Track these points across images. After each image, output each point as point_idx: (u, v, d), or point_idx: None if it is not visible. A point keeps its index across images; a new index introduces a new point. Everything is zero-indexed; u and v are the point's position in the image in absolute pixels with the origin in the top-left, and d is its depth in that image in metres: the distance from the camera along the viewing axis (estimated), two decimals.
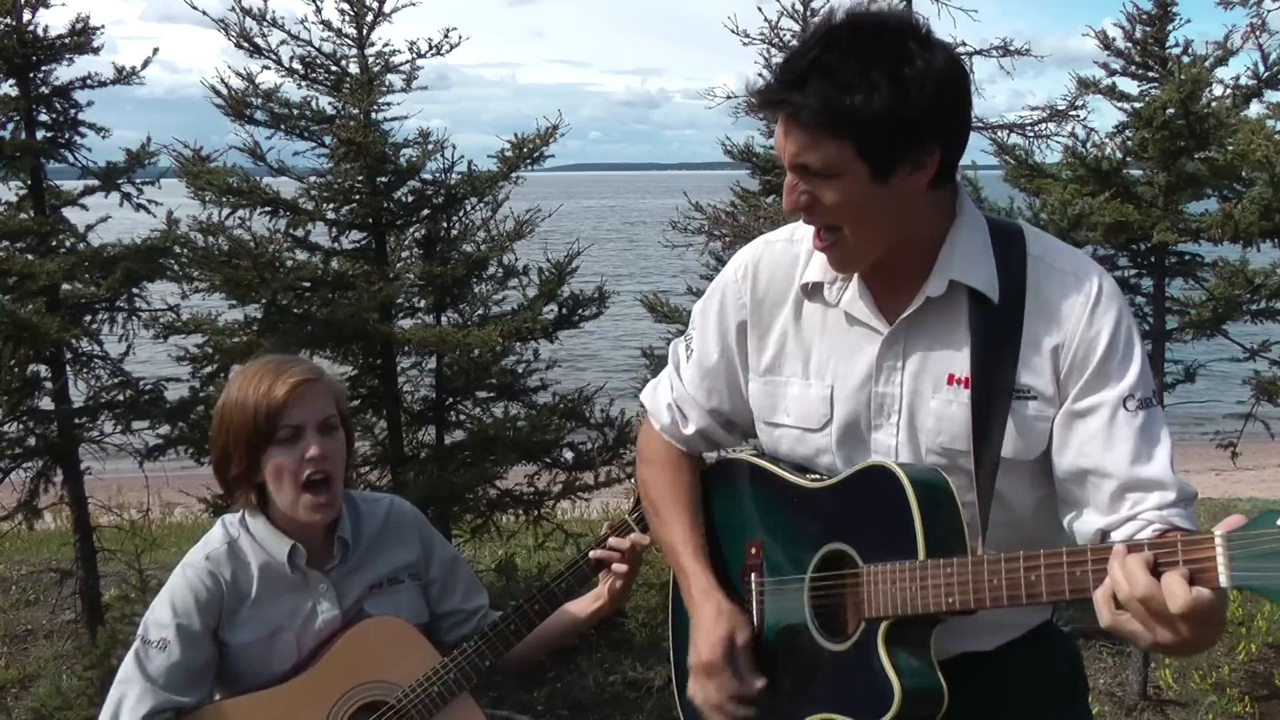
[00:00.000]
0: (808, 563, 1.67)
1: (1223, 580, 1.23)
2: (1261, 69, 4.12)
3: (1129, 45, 4.30)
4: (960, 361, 1.60)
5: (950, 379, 1.60)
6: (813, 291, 1.71)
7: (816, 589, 1.65)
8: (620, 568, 2.15)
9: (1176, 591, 1.26)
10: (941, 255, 1.61)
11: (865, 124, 1.47)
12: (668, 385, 1.90)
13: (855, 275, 1.65)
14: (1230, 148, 4.02)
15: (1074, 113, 4.76)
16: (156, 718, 1.99)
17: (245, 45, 4.69)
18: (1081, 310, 1.57)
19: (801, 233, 1.73)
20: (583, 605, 2.22)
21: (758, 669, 1.71)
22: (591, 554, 2.16)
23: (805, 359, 1.71)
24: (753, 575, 1.77)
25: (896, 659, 1.54)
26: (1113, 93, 4.38)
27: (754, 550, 1.77)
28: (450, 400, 5.10)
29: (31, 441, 4.79)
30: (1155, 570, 1.29)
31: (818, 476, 1.71)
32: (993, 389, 1.57)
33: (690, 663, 1.74)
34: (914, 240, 1.60)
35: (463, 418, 5.14)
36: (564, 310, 5.02)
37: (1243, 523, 1.22)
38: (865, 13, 1.55)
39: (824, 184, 1.53)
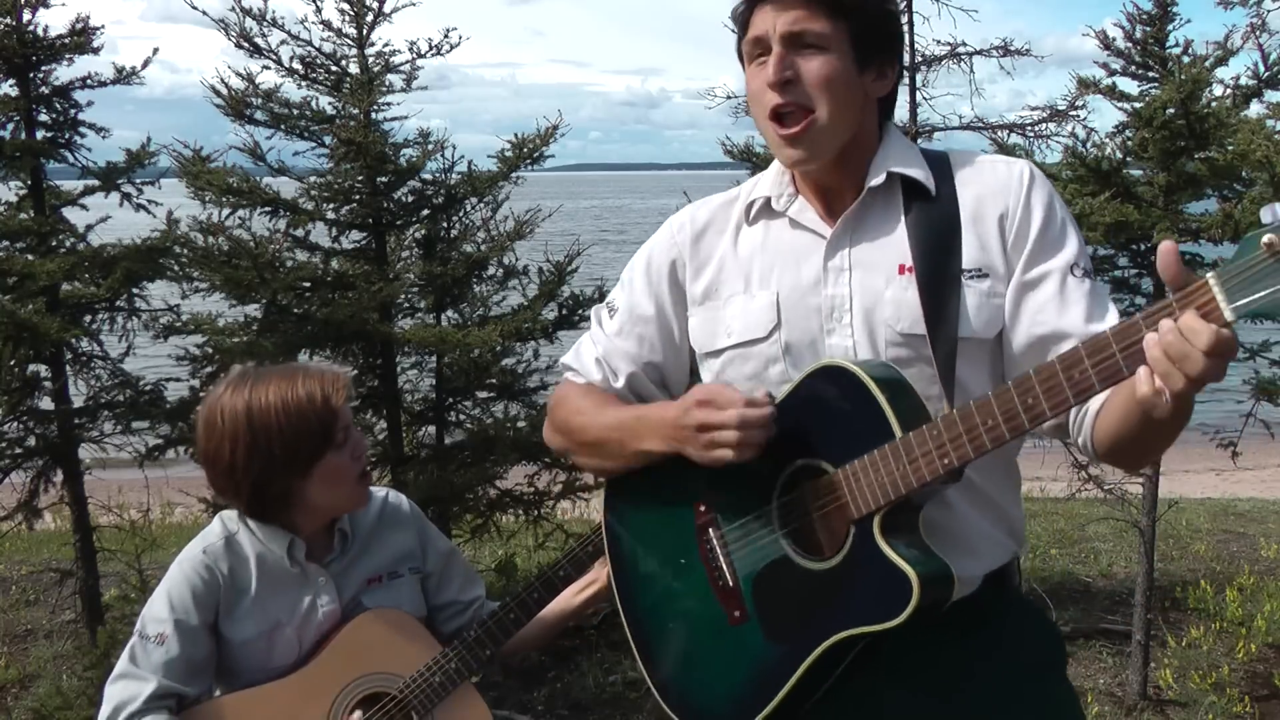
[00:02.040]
0: (770, 496, 1.61)
1: (1227, 315, 1.21)
2: (1261, 69, 4.11)
3: (1129, 45, 4.29)
4: (905, 252, 1.63)
5: (901, 269, 1.63)
6: (757, 213, 1.74)
7: (785, 517, 1.60)
8: None
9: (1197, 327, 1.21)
10: (877, 155, 1.68)
11: (863, 11, 1.61)
12: (590, 343, 1.89)
13: (799, 194, 1.71)
14: (1230, 148, 4.02)
15: (1074, 113, 4.74)
16: (158, 703, 1.99)
17: (245, 45, 4.68)
18: (1018, 185, 1.63)
19: (735, 193, 1.80)
20: (577, 589, 2.22)
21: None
22: None
23: (745, 275, 1.72)
24: (710, 530, 1.69)
25: (899, 550, 1.49)
26: (1113, 93, 4.37)
27: (703, 508, 1.70)
28: (450, 400, 5.10)
29: (31, 441, 4.79)
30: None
31: None
32: (940, 274, 1.60)
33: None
34: (857, 148, 1.67)
35: (463, 418, 5.14)
36: (564, 310, 5.02)
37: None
38: None
39: (812, 57, 1.60)
